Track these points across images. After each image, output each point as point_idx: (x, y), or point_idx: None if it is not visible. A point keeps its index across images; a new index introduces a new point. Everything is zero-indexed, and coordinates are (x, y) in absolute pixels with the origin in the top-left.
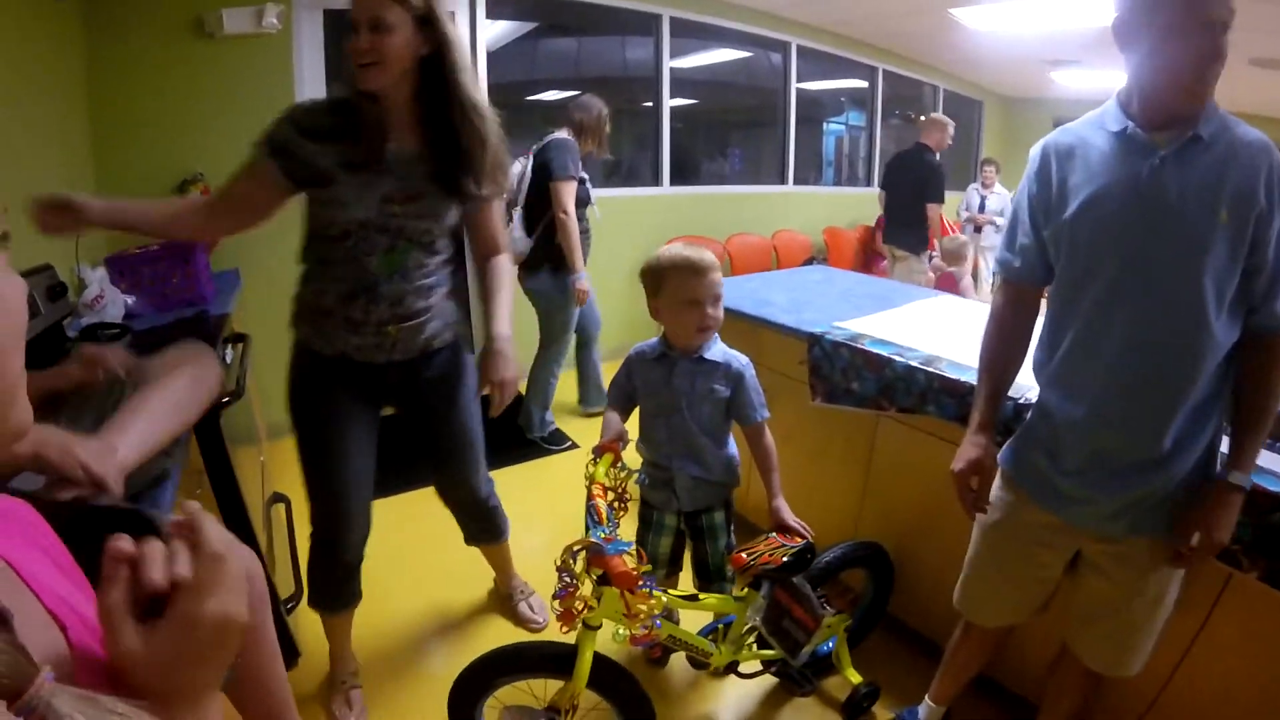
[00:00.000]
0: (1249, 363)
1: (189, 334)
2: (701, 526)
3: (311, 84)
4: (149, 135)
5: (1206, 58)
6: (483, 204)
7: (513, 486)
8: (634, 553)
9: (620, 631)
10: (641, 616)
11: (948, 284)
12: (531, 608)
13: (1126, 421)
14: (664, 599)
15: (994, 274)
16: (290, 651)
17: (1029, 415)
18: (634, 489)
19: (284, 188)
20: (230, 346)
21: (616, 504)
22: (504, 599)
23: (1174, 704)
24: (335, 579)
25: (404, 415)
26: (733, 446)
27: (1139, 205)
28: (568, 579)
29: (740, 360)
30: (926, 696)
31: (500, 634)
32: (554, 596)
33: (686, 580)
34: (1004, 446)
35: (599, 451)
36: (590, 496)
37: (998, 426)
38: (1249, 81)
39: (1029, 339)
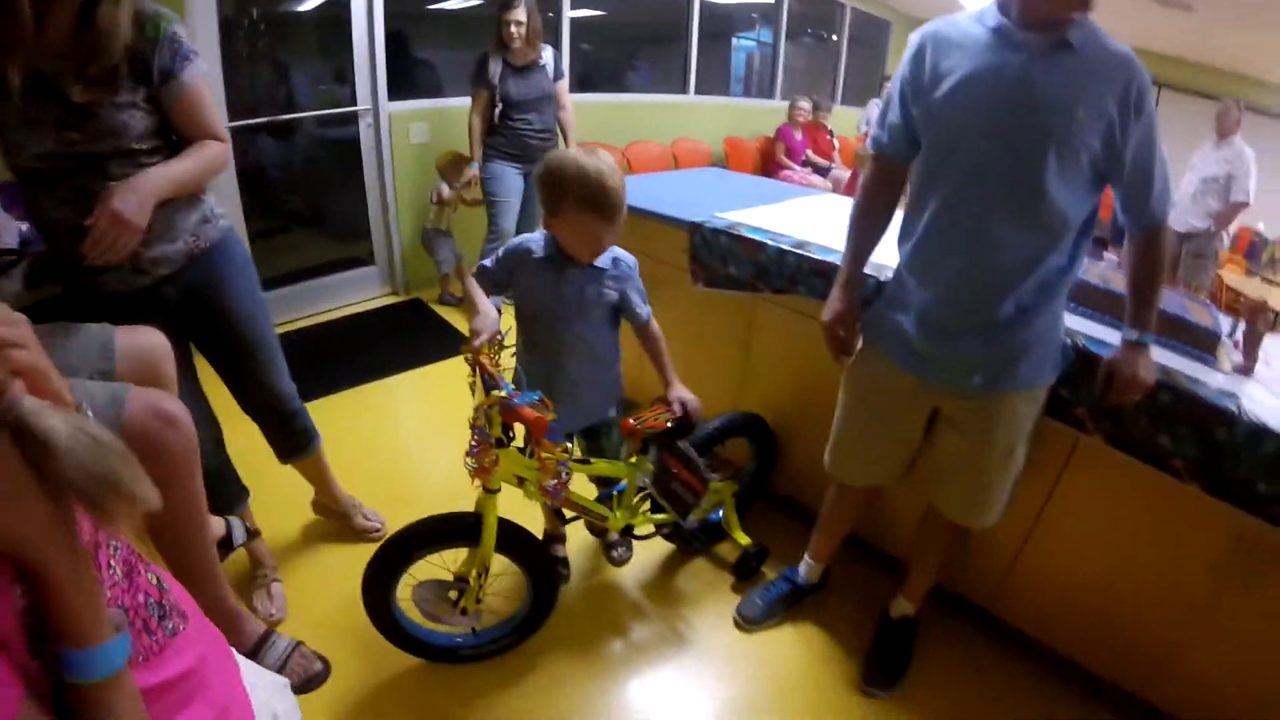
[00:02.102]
0: (1133, 248)
1: None
2: (598, 429)
3: None
4: None
5: None
6: (170, 92)
7: (417, 389)
8: (543, 402)
9: (530, 487)
10: (551, 465)
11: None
12: (367, 517)
13: (975, 288)
14: (569, 447)
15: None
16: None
17: (889, 282)
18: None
19: None
20: None
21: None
22: (338, 517)
23: (1033, 561)
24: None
25: (190, 330)
26: (618, 363)
27: (1004, 93)
28: (480, 437)
29: (627, 260)
30: (806, 554)
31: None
32: (468, 454)
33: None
34: (865, 315)
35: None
36: (482, 368)
37: (860, 302)
38: (1152, 19)
39: (893, 209)
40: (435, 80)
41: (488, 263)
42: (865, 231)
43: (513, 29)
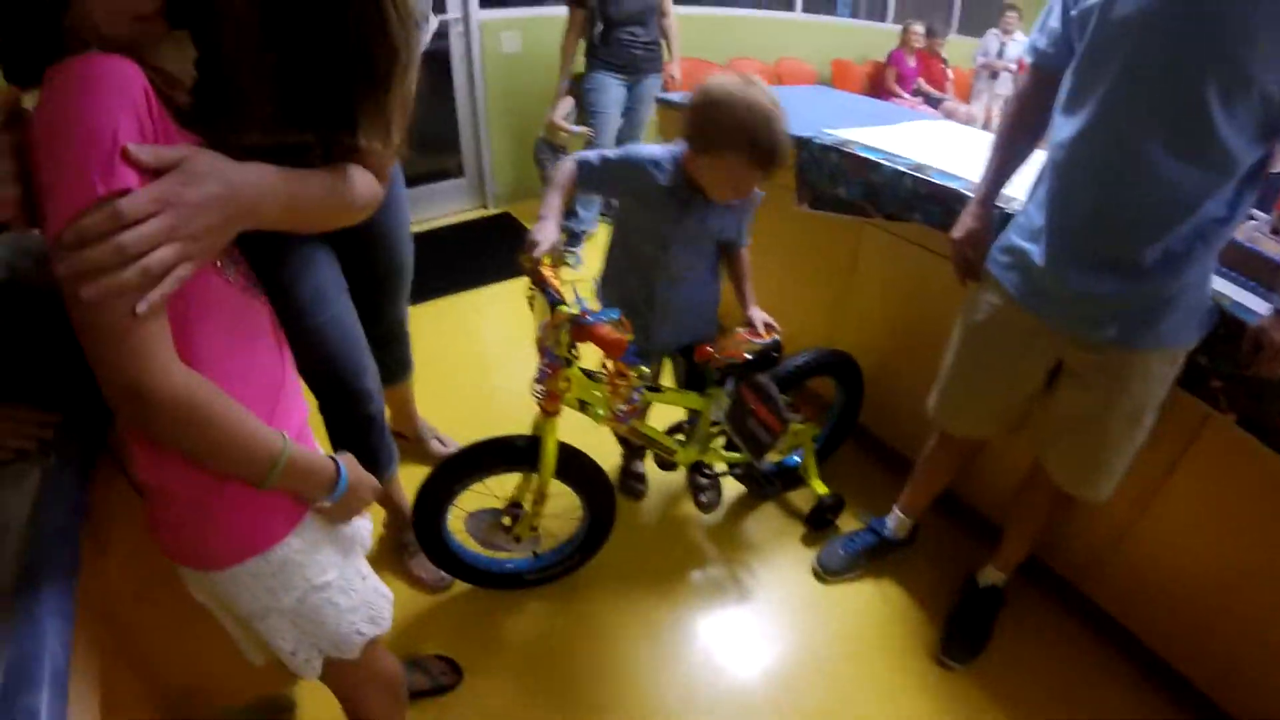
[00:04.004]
0: None
1: None
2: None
3: None
4: None
5: None
6: None
7: (502, 302)
8: (620, 321)
9: (600, 411)
10: (624, 389)
11: None
12: (443, 442)
13: (1114, 222)
14: (645, 371)
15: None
16: None
17: (1024, 206)
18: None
19: None
20: None
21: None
22: (415, 440)
23: (1138, 543)
24: (369, 439)
25: (346, 246)
26: (718, 280)
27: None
28: (550, 359)
29: (755, 192)
30: (895, 506)
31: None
32: (536, 380)
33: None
34: (991, 247)
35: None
36: (542, 280)
37: (995, 225)
38: None
39: (1045, 125)
40: None
41: (592, 157)
42: (1012, 145)
43: None
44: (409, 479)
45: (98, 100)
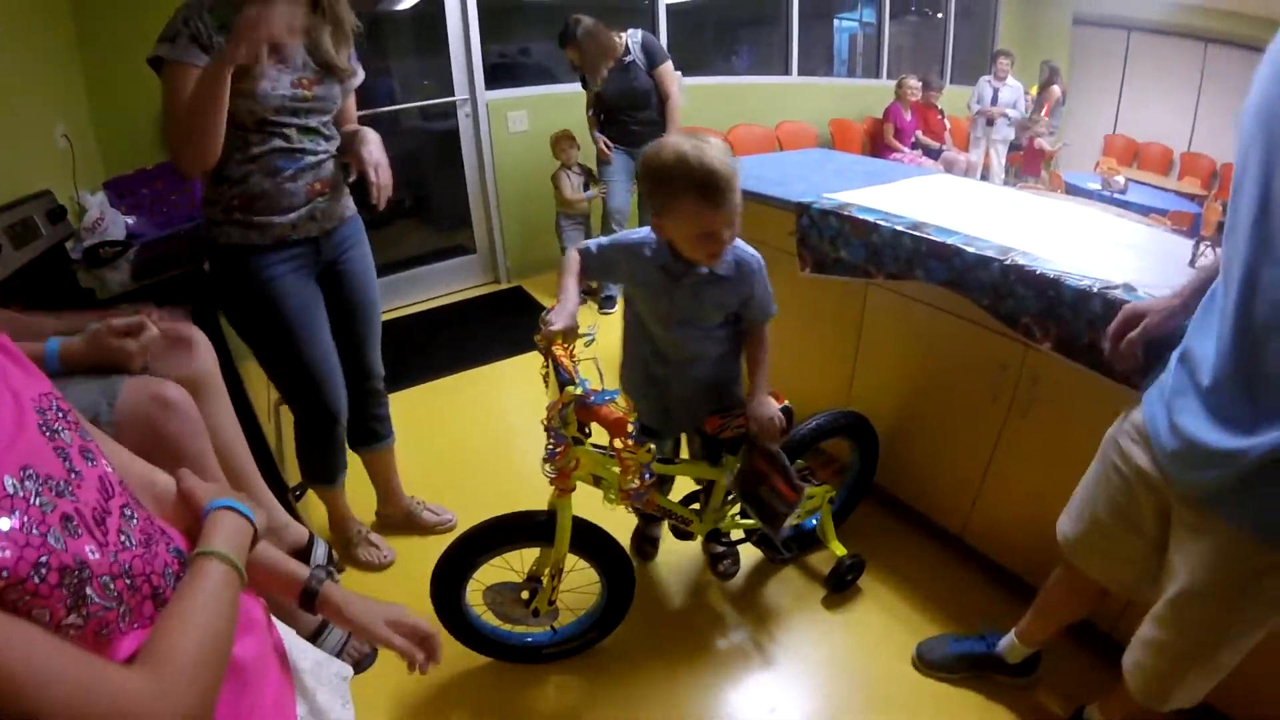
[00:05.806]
0: None
1: (189, 246)
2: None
3: None
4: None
5: None
6: (350, 86)
7: (514, 377)
8: (621, 401)
9: (611, 494)
10: (633, 466)
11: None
12: (435, 511)
13: (1227, 367)
14: (653, 448)
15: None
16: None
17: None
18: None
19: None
20: None
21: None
22: (405, 516)
23: None
24: (331, 448)
25: (326, 292)
26: (737, 364)
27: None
28: (556, 439)
29: (751, 262)
30: (1013, 631)
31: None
32: (545, 459)
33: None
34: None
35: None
36: (554, 358)
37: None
38: None
39: None
40: (536, 69)
41: (591, 245)
42: None
43: (574, 69)
44: (413, 552)
45: None
